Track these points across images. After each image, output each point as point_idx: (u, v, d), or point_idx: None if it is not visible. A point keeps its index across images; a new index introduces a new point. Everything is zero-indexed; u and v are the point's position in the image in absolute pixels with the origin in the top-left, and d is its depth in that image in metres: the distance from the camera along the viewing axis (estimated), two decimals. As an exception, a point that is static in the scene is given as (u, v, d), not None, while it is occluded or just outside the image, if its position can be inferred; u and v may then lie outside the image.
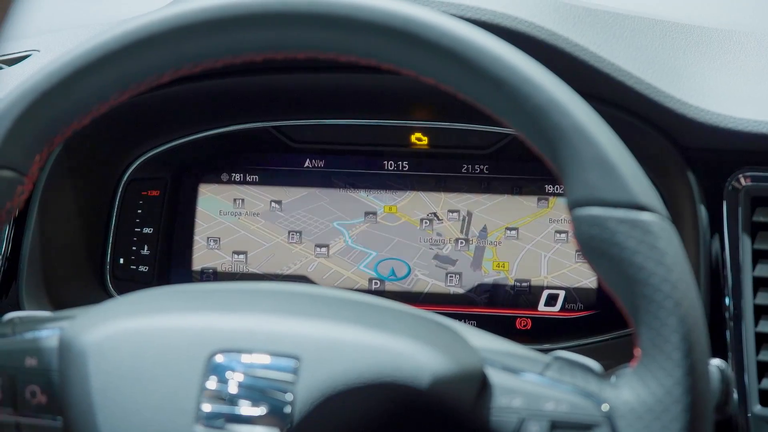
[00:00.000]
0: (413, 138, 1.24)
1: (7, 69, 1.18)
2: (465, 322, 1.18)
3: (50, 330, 0.78)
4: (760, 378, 1.00)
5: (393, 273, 1.23)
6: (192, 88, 1.18)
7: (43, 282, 1.16)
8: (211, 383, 0.71)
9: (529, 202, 1.21)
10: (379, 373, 0.70)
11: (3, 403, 0.76)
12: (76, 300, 1.09)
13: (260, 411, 0.70)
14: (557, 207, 1.21)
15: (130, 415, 0.71)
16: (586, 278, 1.19)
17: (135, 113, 1.19)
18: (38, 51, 1.21)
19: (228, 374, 0.71)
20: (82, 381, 0.73)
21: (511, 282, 1.21)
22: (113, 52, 0.75)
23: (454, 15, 0.99)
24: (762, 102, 1.06)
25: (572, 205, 0.73)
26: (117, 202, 1.25)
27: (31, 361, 0.77)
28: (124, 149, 1.25)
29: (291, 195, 1.25)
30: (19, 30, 1.27)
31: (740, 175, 1.05)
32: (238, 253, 1.25)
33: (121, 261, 1.25)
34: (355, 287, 1.23)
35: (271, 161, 1.26)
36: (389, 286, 1.22)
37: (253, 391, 0.71)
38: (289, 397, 0.70)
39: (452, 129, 1.23)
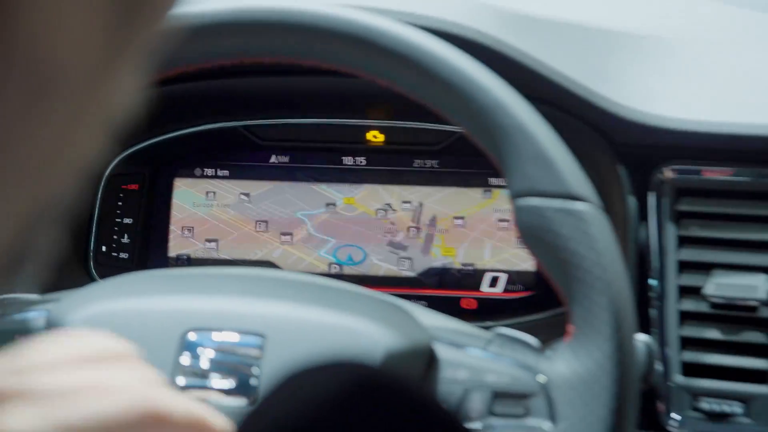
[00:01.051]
0: (370, 136, 1.24)
1: None
2: (416, 302, 1.18)
3: (38, 311, 0.78)
4: (681, 351, 1.02)
5: (350, 258, 1.23)
6: (168, 91, 1.18)
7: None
8: (185, 359, 0.72)
9: (474, 193, 1.22)
10: (337, 348, 0.70)
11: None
12: (62, 284, 1.09)
13: (229, 384, 0.71)
14: (500, 198, 1.22)
15: (112, 388, 0.72)
16: (525, 262, 1.20)
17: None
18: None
19: (200, 350, 0.72)
20: (67, 358, 0.73)
21: (458, 266, 1.22)
22: None
23: (409, 24, 0.99)
24: (686, 101, 1.07)
25: (514, 196, 0.74)
26: (99, 195, 1.24)
27: (20, 341, 0.77)
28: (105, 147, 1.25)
29: (258, 188, 1.25)
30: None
31: (666, 169, 1.06)
32: (210, 240, 1.25)
33: (104, 248, 1.25)
34: (316, 271, 1.23)
35: (240, 157, 1.26)
36: (347, 270, 1.23)
37: (223, 365, 0.71)
38: (255, 371, 0.71)
39: (405, 127, 1.23)
